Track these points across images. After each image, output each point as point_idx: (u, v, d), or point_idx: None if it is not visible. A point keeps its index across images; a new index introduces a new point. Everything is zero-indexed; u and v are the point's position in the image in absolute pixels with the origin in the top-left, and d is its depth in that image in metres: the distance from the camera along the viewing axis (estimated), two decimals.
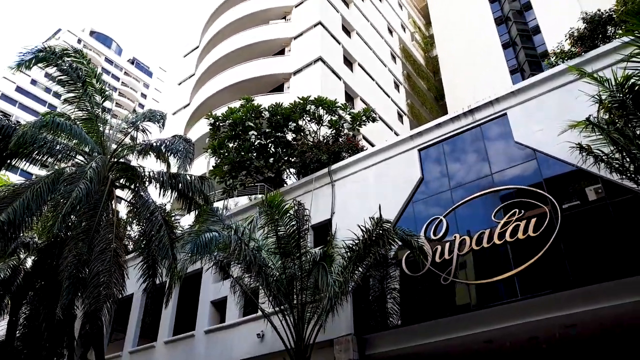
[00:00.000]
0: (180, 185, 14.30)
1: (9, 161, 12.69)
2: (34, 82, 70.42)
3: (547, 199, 10.54)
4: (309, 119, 16.45)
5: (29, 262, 16.27)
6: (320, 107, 16.27)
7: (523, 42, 29.59)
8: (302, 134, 16.59)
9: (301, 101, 16.30)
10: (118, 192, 14.61)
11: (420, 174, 13.03)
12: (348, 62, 26.77)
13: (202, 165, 22.59)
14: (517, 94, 12.24)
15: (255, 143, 16.83)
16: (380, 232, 10.56)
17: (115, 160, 14.18)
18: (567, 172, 10.56)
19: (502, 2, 32.77)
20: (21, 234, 13.63)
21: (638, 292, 9.09)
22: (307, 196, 14.57)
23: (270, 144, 16.78)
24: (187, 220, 19.19)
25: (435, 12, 38.62)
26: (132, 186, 14.42)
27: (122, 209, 16.10)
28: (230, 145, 16.93)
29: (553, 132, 10.25)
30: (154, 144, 14.49)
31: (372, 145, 17.98)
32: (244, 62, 25.82)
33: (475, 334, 10.91)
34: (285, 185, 16.86)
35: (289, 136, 16.85)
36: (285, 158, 16.62)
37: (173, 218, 17.02)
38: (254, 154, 16.76)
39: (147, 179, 14.36)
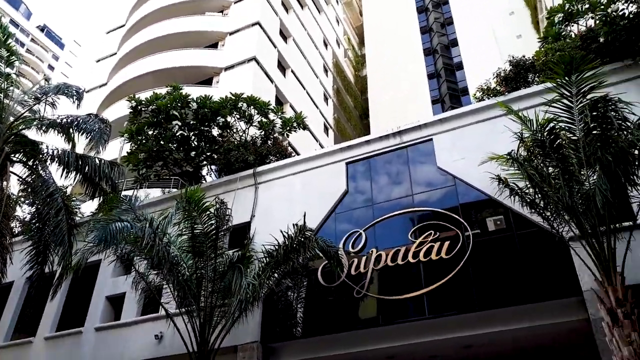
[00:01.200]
0: (87, 168, 13.10)
1: None
2: None
3: (461, 224, 11.08)
4: (238, 116, 15.92)
5: None
6: (252, 107, 15.84)
7: (447, 75, 31.48)
8: (229, 131, 16.00)
9: (233, 97, 15.75)
10: (13, 168, 13.01)
11: (346, 187, 13.10)
12: (282, 67, 26.63)
13: (114, 150, 20.98)
14: (444, 122, 12.80)
15: (178, 134, 15.95)
16: (302, 239, 10.40)
17: (14, 132, 12.65)
18: (482, 201, 11.18)
19: (431, 35, 34.69)
20: None
21: (533, 318, 9.81)
22: (229, 195, 14.03)
23: (193, 137, 16.00)
24: (88, 207, 17.67)
25: (369, 34, 39.85)
26: (31, 163, 12.96)
27: (15, 187, 14.33)
28: (150, 132, 15.88)
29: (474, 162, 10.79)
30: (64, 120, 13.18)
31: (297, 153, 17.90)
32: (173, 50, 24.63)
33: (379, 349, 11.11)
34: (204, 181, 16.13)
35: (215, 131, 16.18)
36: (208, 153, 15.92)
37: (73, 203, 15.57)
38: (175, 145, 15.87)
39: (50, 157, 12.99)
